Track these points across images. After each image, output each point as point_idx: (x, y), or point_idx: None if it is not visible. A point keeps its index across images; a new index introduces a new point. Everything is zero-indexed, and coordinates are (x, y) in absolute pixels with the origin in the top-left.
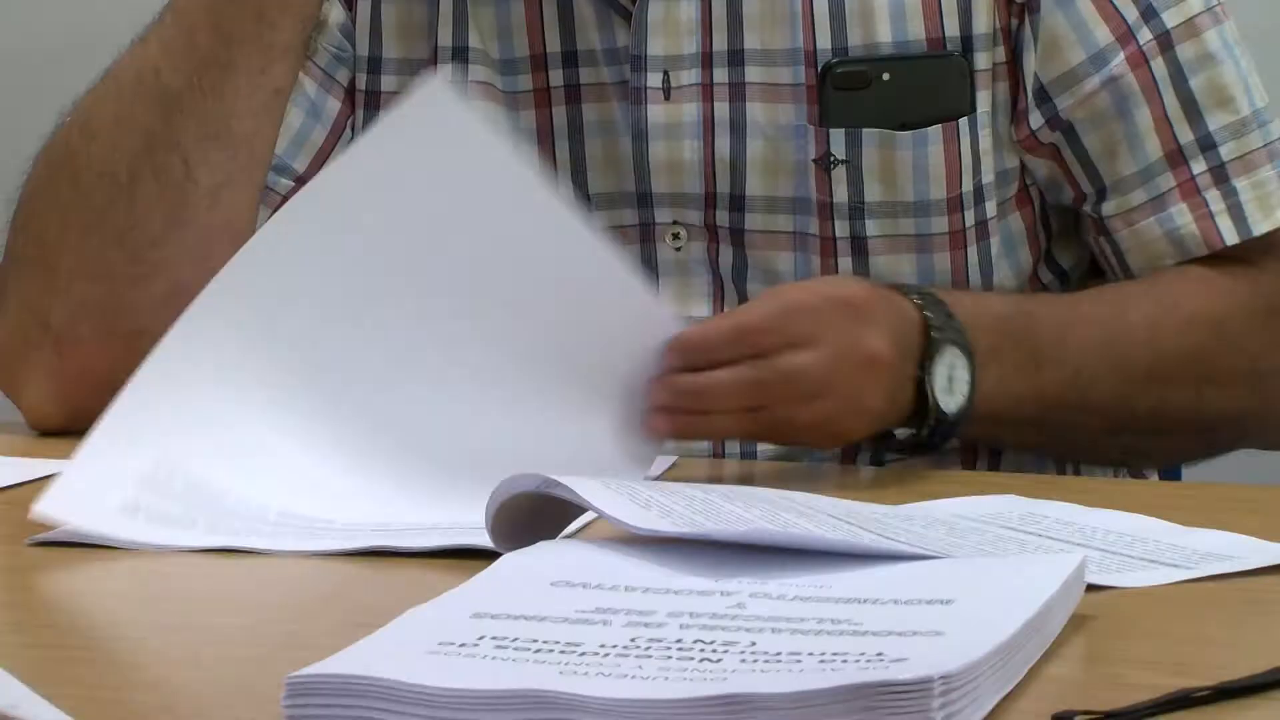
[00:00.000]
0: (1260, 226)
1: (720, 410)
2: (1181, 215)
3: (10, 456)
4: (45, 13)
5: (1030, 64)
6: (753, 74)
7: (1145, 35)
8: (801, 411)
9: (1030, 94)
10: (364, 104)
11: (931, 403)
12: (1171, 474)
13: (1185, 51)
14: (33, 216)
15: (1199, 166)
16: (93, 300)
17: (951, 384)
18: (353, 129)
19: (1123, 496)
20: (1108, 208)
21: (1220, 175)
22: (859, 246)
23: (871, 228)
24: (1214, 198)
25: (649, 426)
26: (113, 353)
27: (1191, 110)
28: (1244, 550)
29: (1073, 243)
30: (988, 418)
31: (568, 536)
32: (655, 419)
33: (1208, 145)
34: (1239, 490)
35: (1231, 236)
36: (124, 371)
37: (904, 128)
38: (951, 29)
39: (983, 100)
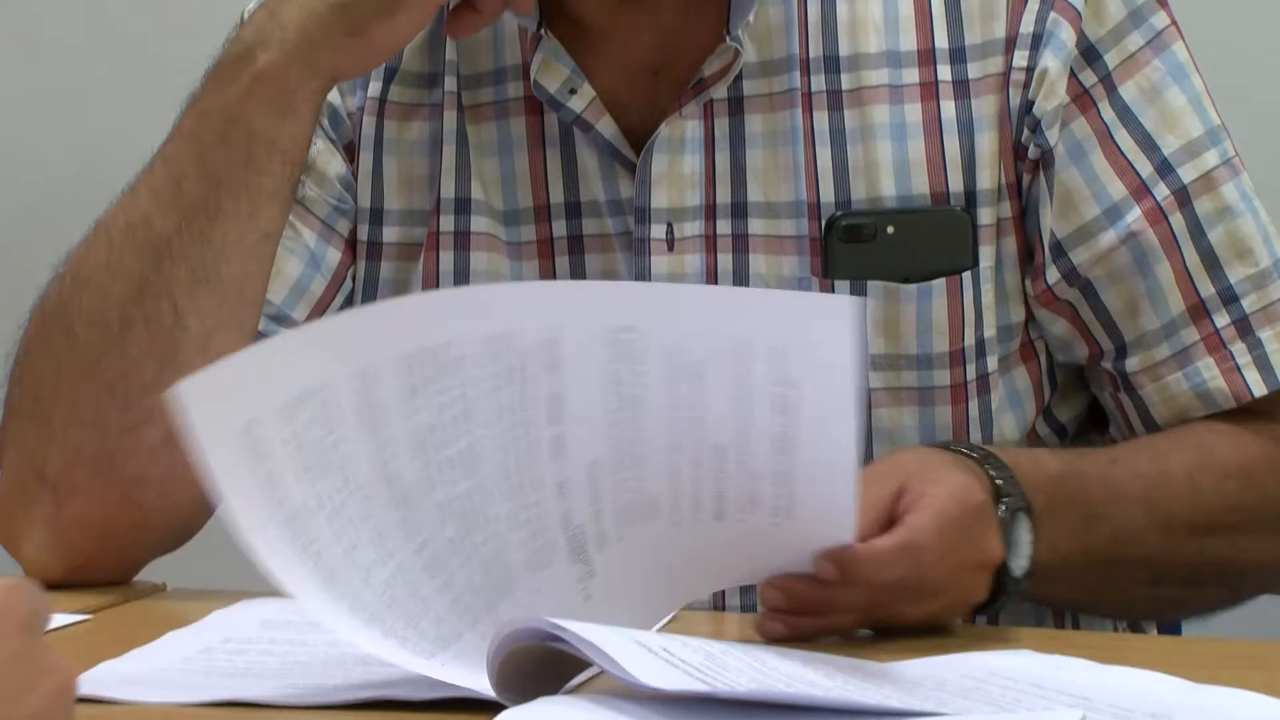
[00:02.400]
0: None
1: (839, 613)
2: (1208, 369)
3: None
4: (45, 168)
5: (1046, 219)
6: (756, 226)
7: (1163, 191)
8: (910, 611)
9: (1047, 249)
10: (365, 254)
11: (1004, 568)
12: (1170, 628)
13: (1203, 205)
14: (28, 369)
15: (1222, 320)
16: (88, 449)
17: (1017, 547)
18: (353, 280)
19: (1125, 651)
20: (1131, 364)
21: (1244, 328)
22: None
23: (875, 380)
24: (1239, 350)
25: (763, 629)
26: (109, 501)
27: (1212, 263)
28: (1254, 708)
29: (1073, 398)
30: (1038, 577)
31: (573, 689)
32: (772, 624)
33: (1229, 298)
34: (1239, 646)
35: (1259, 389)
36: (121, 520)
37: (907, 281)
38: (955, 184)
39: (986, 255)
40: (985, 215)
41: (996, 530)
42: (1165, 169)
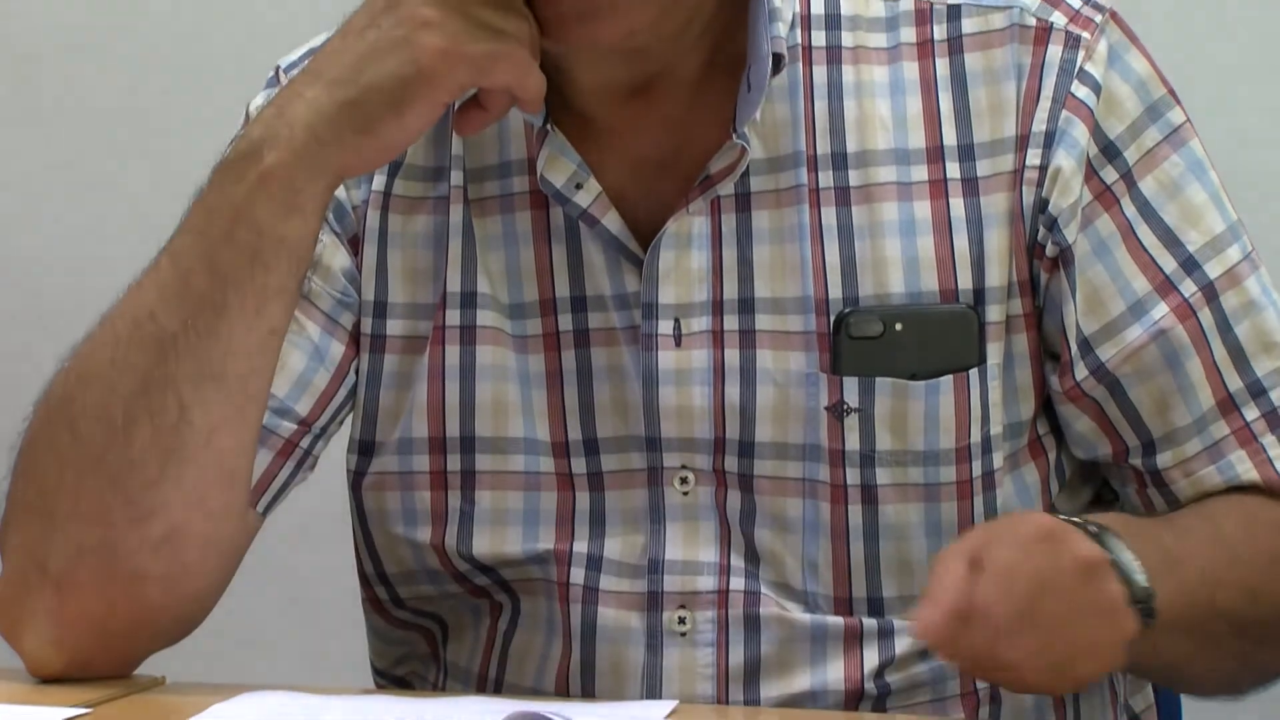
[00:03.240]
0: None
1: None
2: (1241, 462)
3: (10, 704)
4: (51, 261)
5: (1071, 316)
6: (763, 322)
7: (1190, 287)
8: (1038, 652)
9: (1074, 346)
10: (369, 348)
11: (1133, 580)
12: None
13: (1229, 301)
14: (32, 463)
15: (1252, 413)
16: (90, 544)
17: (1123, 558)
18: (357, 373)
19: None
20: (1163, 459)
21: (1275, 420)
22: (869, 495)
23: (882, 476)
24: (1271, 443)
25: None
26: (111, 596)
27: (1239, 357)
28: None
29: (1078, 491)
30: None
31: None
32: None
33: (1258, 391)
34: None
35: None
36: (123, 615)
37: (914, 377)
38: (964, 282)
39: (994, 352)
40: (994, 312)
41: (1084, 536)
42: (1191, 265)
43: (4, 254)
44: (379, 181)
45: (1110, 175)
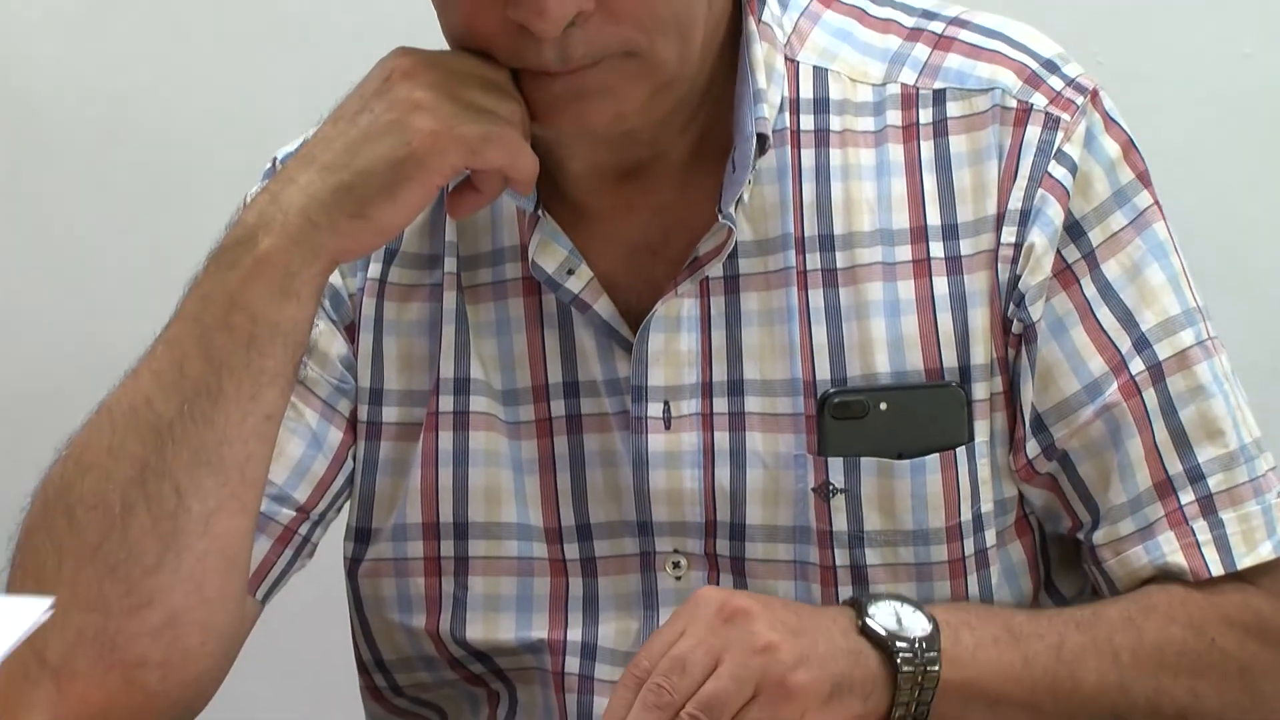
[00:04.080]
0: (1244, 560)
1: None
2: (1168, 543)
3: None
4: (48, 350)
5: (1028, 394)
6: (752, 404)
7: (1138, 365)
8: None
9: (1028, 424)
10: (365, 434)
11: (885, 636)
12: None
13: (1176, 384)
14: (30, 552)
15: (1187, 497)
16: (89, 632)
17: (902, 620)
18: (354, 459)
19: None
20: (1097, 536)
21: (1208, 506)
22: (859, 575)
23: (871, 556)
24: (1200, 528)
25: None
26: (111, 685)
27: (1181, 441)
28: None
29: (1074, 571)
30: (977, 693)
31: None
32: None
33: (1196, 476)
34: None
35: (1216, 568)
36: (123, 704)
37: (901, 456)
38: (950, 360)
39: (981, 430)
40: (980, 390)
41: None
42: (1142, 344)
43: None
44: (374, 269)
45: (1072, 254)
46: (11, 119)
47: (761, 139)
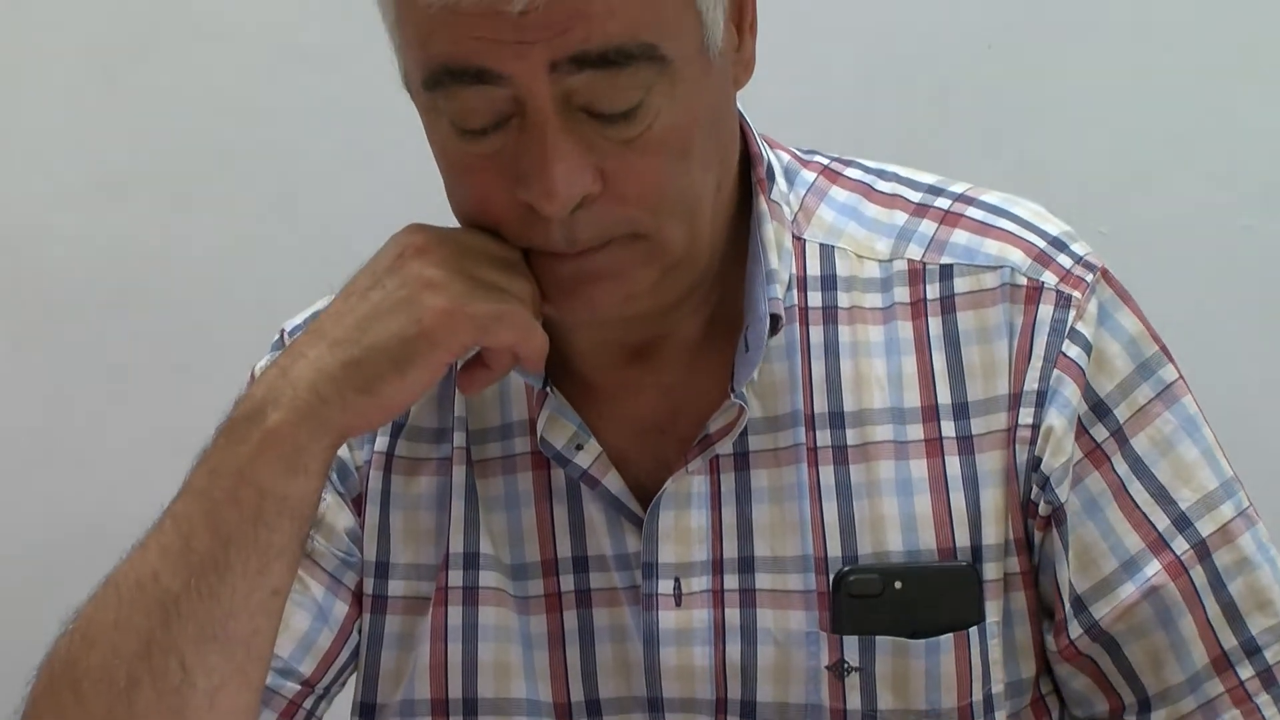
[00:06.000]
0: None
1: None
2: None
3: None
4: (54, 523)
5: (1065, 575)
6: (763, 581)
7: (1182, 545)
8: None
9: (1068, 605)
10: (371, 608)
11: None
12: None
13: (1223, 558)
14: None
15: (1246, 672)
16: None
17: None
18: (359, 633)
19: None
20: (1157, 717)
21: (1268, 679)
22: None
23: None
24: (1265, 702)
25: None
26: None
27: (1233, 615)
28: None
29: None
30: None
31: None
32: None
33: (1252, 649)
34: None
35: None
36: None
37: (915, 635)
38: (962, 539)
39: (992, 610)
40: (991, 570)
41: None
42: (1183, 522)
43: None
44: (382, 442)
45: (1101, 433)
46: (21, 290)
47: (775, 319)
